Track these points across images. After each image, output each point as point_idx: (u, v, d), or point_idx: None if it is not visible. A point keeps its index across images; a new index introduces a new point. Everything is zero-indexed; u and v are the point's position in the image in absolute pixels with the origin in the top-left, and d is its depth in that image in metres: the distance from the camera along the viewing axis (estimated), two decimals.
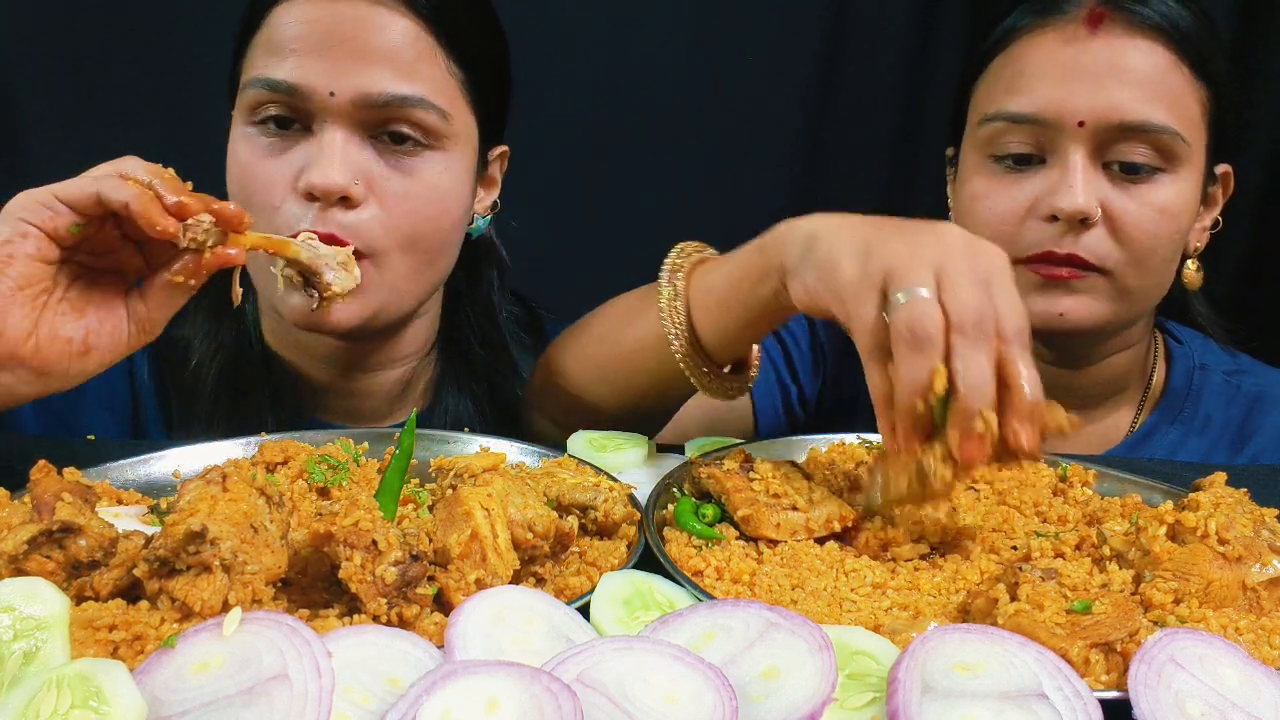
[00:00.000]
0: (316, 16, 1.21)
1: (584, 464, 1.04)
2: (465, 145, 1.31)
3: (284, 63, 1.21)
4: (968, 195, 1.39)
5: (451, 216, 1.31)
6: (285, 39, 1.22)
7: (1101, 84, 1.28)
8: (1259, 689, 0.67)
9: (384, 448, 1.08)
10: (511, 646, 0.67)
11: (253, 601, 0.70)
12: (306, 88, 1.20)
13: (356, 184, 1.21)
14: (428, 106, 1.24)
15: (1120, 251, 1.30)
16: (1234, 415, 1.49)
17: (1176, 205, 1.31)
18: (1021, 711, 0.62)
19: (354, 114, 1.21)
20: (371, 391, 1.45)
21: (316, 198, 1.20)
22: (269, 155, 1.24)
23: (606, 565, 0.85)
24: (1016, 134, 1.33)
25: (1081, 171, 1.28)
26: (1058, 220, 1.29)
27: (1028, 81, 1.32)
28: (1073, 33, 1.31)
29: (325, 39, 1.20)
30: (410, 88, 1.22)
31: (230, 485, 0.77)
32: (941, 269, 0.89)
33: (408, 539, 0.74)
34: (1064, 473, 1.10)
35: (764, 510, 0.93)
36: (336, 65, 1.20)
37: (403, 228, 1.25)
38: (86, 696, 0.58)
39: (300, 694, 0.60)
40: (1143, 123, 1.27)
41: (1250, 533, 0.83)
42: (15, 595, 0.68)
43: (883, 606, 0.82)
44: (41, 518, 0.82)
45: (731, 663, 0.67)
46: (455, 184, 1.30)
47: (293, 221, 1.21)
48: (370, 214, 1.23)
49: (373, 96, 1.21)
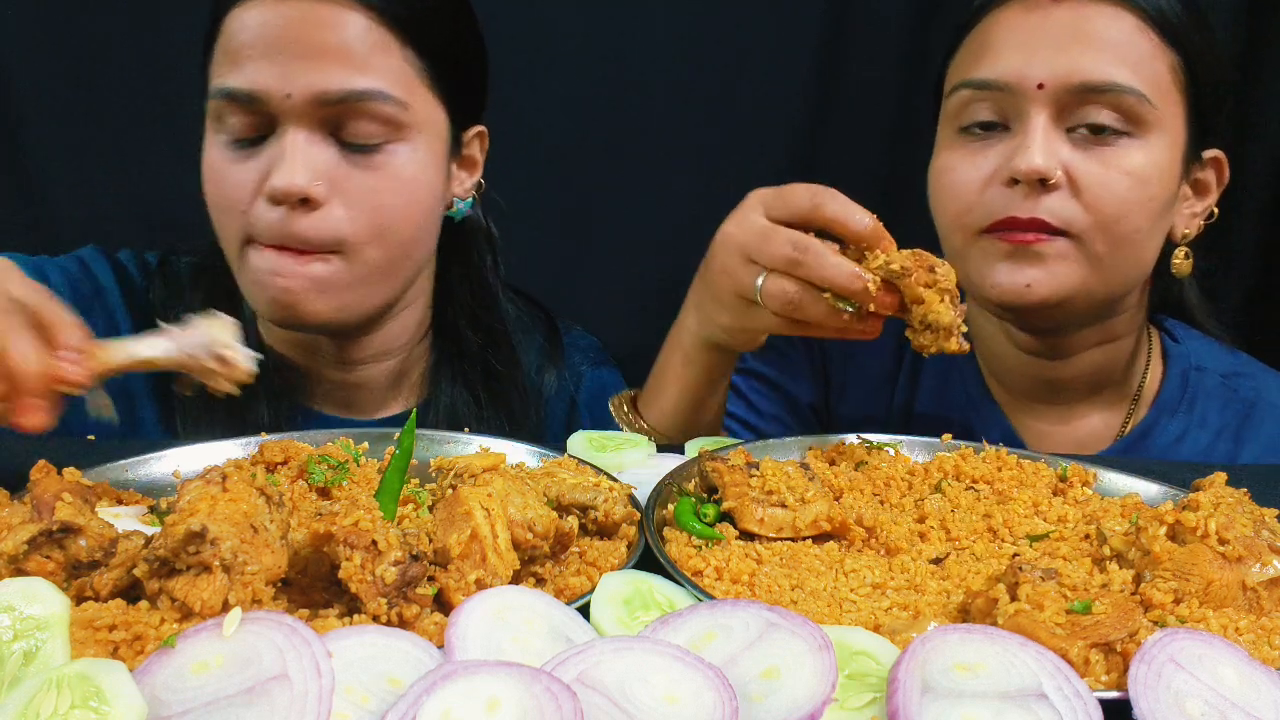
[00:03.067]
0: (266, 19, 1.23)
1: (584, 464, 1.04)
2: (431, 133, 1.32)
3: (240, 70, 1.23)
4: (937, 170, 1.39)
5: (421, 206, 1.32)
6: (239, 45, 1.24)
7: (1063, 47, 1.27)
8: (1259, 689, 0.67)
9: (384, 448, 1.08)
10: (511, 647, 0.67)
11: (253, 601, 0.70)
12: (263, 92, 1.22)
13: (318, 184, 1.23)
14: (385, 98, 1.25)
15: (1086, 215, 1.27)
16: (1229, 420, 1.47)
17: (1146, 171, 1.28)
18: (1021, 711, 0.62)
19: (312, 113, 1.23)
20: (366, 383, 1.46)
21: (281, 201, 1.22)
22: (236, 160, 1.26)
23: (606, 565, 0.85)
24: (981, 102, 1.33)
25: (1041, 132, 1.27)
26: (1019, 184, 1.27)
27: (992, 50, 1.32)
28: (1036, 2, 1.31)
29: (277, 42, 1.22)
30: (365, 81, 1.23)
31: (230, 485, 0.76)
32: (745, 252, 1.14)
33: (408, 539, 0.74)
34: (1064, 473, 1.10)
35: (749, 504, 0.93)
36: (289, 66, 1.21)
37: (371, 222, 1.27)
38: (86, 696, 0.58)
39: (300, 694, 0.60)
40: (1104, 82, 1.26)
41: (1250, 533, 0.83)
42: (15, 595, 0.68)
43: (883, 606, 0.82)
44: (41, 518, 0.82)
45: (731, 663, 0.67)
46: (421, 173, 1.31)
47: (263, 225, 1.24)
48: (337, 212, 1.25)
49: (328, 94, 1.22)
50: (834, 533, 0.94)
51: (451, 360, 1.48)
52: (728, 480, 0.96)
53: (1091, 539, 0.93)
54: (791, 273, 1.09)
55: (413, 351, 1.49)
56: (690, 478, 1.03)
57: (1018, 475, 1.09)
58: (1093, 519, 1.00)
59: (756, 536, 0.93)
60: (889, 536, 0.94)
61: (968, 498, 1.04)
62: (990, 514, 1.01)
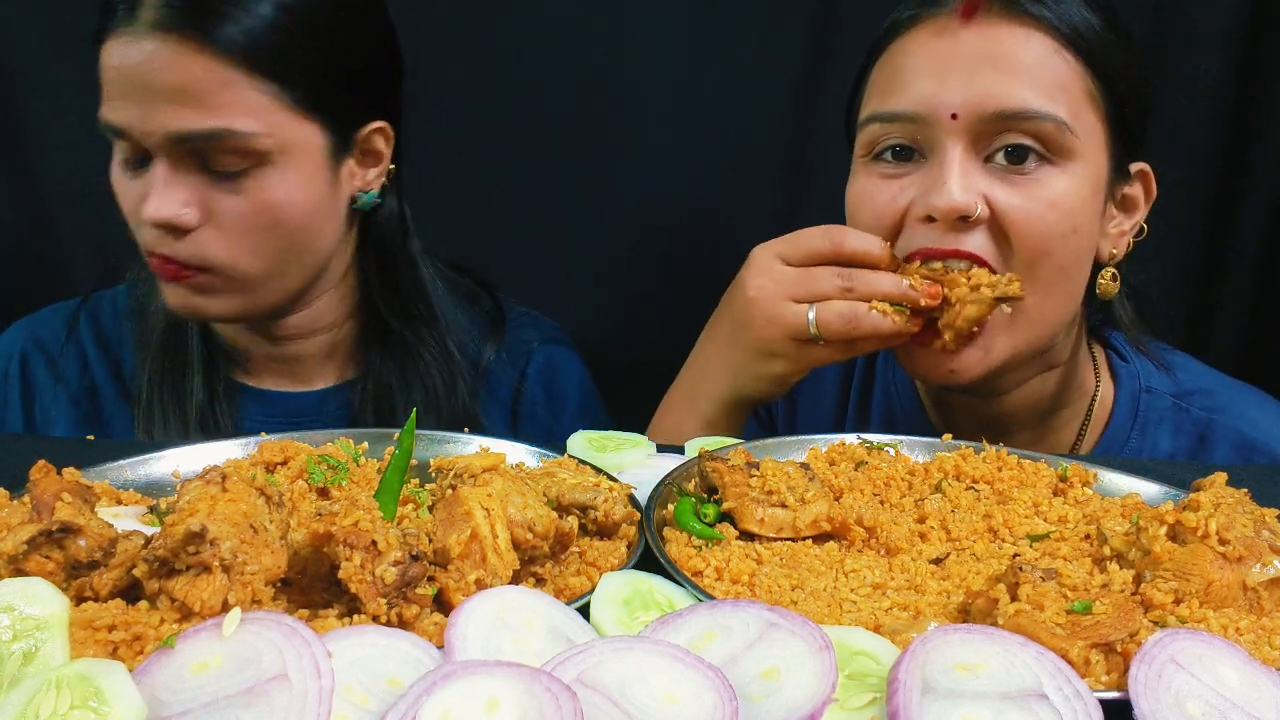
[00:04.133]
0: (124, 57, 1.29)
1: (584, 464, 1.04)
2: (299, 151, 1.37)
3: (110, 104, 1.32)
4: (853, 196, 1.34)
5: (295, 221, 1.38)
6: (110, 79, 1.32)
7: (975, 73, 1.21)
8: (1259, 689, 0.67)
9: (384, 448, 1.08)
10: (511, 647, 0.67)
11: (253, 601, 0.70)
12: (127, 128, 1.29)
13: (184, 212, 1.31)
14: (235, 135, 1.30)
15: (1010, 256, 1.21)
16: (1182, 445, 1.39)
17: (1069, 200, 1.22)
18: (1022, 711, 0.62)
19: (173, 149, 1.29)
20: (298, 358, 1.57)
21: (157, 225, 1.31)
22: (128, 179, 1.36)
23: (606, 565, 0.85)
24: (893, 133, 1.27)
25: (958, 165, 1.21)
26: (935, 222, 1.22)
27: (902, 79, 1.27)
28: (944, 24, 1.25)
29: (132, 80, 1.29)
30: (214, 120, 1.29)
31: (230, 485, 0.76)
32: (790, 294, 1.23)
33: (408, 539, 0.74)
34: (1064, 473, 1.10)
35: (749, 504, 0.93)
36: (144, 106, 1.29)
37: (242, 242, 1.35)
38: (86, 697, 0.58)
39: (300, 694, 0.60)
40: (1019, 109, 1.19)
41: (1251, 533, 0.83)
42: (15, 595, 0.68)
43: (883, 606, 0.82)
44: (41, 518, 0.82)
45: (731, 663, 0.67)
46: (293, 191, 1.36)
47: (147, 242, 1.34)
48: (207, 235, 1.33)
49: (181, 134, 1.28)
50: (834, 533, 0.94)
51: (376, 335, 1.57)
52: (728, 480, 0.96)
53: (1092, 539, 0.93)
54: (843, 299, 1.18)
55: (343, 327, 1.58)
56: (690, 478, 1.03)
57: (1018, 475, 1.09)
58: (1093, 519, 0.99)
59: (756, 537, 0.93)
60: (889, 537, 0.94)
61: (968, 498, 1.04)
62: (990, 514, 1.01)
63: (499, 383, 1.64)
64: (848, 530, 0.94)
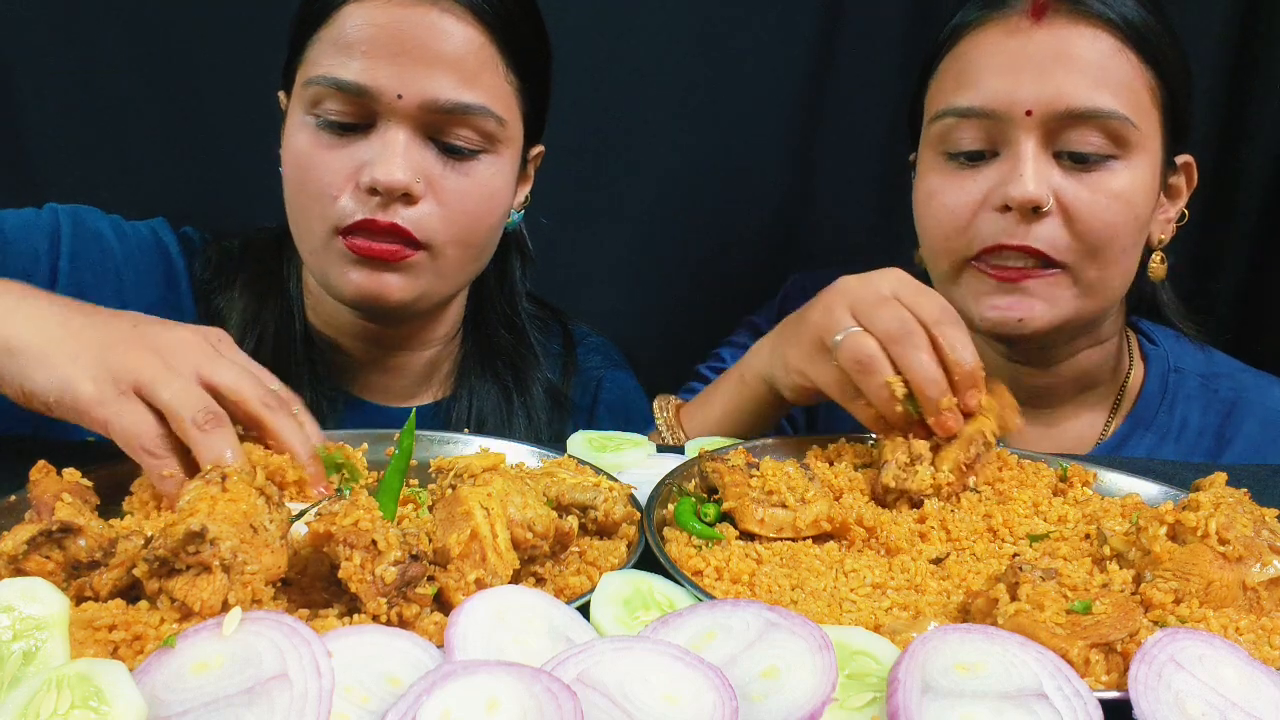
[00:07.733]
0: (385, 20, 1.25)
1: (584, 464, 1.04)
2: (514, 148, 1.37)
3: (352, 63, 1.25)
4: (924, 193, 1.39)
5: (498, 214, 1.38)
6: (354, 40, 1.26)
7: (1047, 72, 1.27)
8: (1259, 689, 0.67)
9: (384, 448, 1.08)
10: (511, 646, 0.67)
11: (253, 601, 0.70)
12: (375, 89, 1.24)
13: (418, 182, 1.26)
14: (487, 114, 1.29)
15: (1076, 242, 1.29)
16: (1210, 421, 1.47)
17: (1131, 192, 1.29)
18: (1021, 711, 0.62)
19: (418, 116, 1.26)
20: (403, 370, 1.51)
21: (378, 192, 1.25)
22: (330, 148, 1.28)
23: (606, 565, 0.85)
24: (967, 128, 1.33)
25: (1032, 160, 1.28)
26: (1010, 211, 1.28)
27: (974, 75, 1.32)
28: (1016, 24, 1.31)
29: (393, 43, 1.25)
30: (472, 96, 1.28)
31: (230, 485, 0.77)
32: (854, 306, 1.12)
33: (408, 539, 0.74)
34: (1064, 473, 1.10)
35: (749, 504, 0.93)
36: (404, 70, 1.24)
37: (458, 224, 1.31)
38: (86, 696, 0.58)
39: (300, 694, 0.60)
40: (1091, 109, 1.26)
41: (1250, 533, 0.83)
42: (15, 595, 0.68)
43: (883, 606, 0.82)
44: (41, 518, 0.82)
45: (731, 663, 0.67)
46: (504, 184, 1.36)
47: (349, 212, 1.27)
48: (429, 209, 1.29)
49: (439, 103, 1.26)
50: (834, 533, 0.94)
51: (481, 357, 1.54)
52: (728, 480, 0.96)
53: (1092, 539, 0.93)
54: (884, 345, 1.08)
55: (447, 345, 1.55)
56: (690, 478, 1.03)
57: (1018, 475, 1.09)
58: (1093, 519, 1.00)
59: (756, 536, 0.93)
60: (889, 536, 0.94)
61: (968, 498, 1.04)
62: (990, 514, 1.01)
63: (575, 409, 1.62)
64: (848, 530, 0.94)
